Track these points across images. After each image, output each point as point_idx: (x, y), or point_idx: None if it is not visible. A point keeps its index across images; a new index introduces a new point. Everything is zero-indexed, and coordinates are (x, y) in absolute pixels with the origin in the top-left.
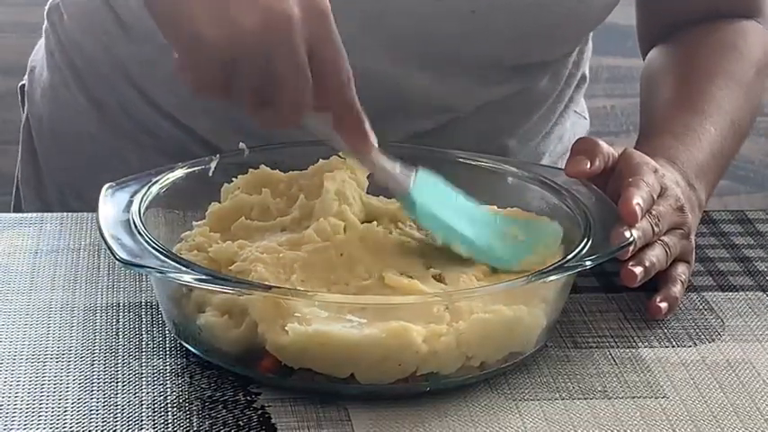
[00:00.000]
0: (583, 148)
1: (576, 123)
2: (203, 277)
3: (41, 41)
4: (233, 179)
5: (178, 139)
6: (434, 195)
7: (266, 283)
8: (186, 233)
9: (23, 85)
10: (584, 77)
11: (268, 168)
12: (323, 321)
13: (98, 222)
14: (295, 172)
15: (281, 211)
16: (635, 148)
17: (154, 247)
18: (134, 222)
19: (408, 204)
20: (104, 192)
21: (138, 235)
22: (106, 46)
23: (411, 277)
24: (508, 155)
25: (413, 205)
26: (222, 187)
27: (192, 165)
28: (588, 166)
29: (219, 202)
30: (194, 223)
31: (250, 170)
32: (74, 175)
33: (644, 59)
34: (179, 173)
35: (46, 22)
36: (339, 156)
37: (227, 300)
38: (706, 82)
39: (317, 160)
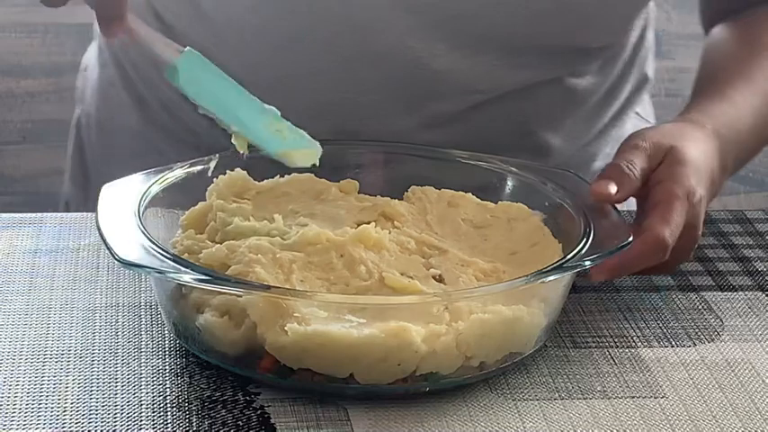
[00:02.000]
0: (612, 174)
1: (637, 127)
2: (203, 277)
3: (94, 41)
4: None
5: (216, 137)
6: (203, 71)
7: (265, 283)
8: (175, 239)
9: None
10: (646, 78)
11: (243, 173)
12: (322, 321)
13: (97, 222)
14: (270, 180)
15: (257, 216)
16: (684, 112)
17: (153, 247)
18: (134, 222)
19: (172, 71)
20: (104, 191)
21: (137, 235)
22: None
23: (411, 278)
24: (550, 153)
25: (176, 71)
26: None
27: (192, 164)
28: (614, 191)
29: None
30: (181, 221)
31: (228, 174)
32: (117, 171)
33: (706, 34)
34: (178, 172)
35: None
36: None
37: (227, 300)
38: (765, 58)
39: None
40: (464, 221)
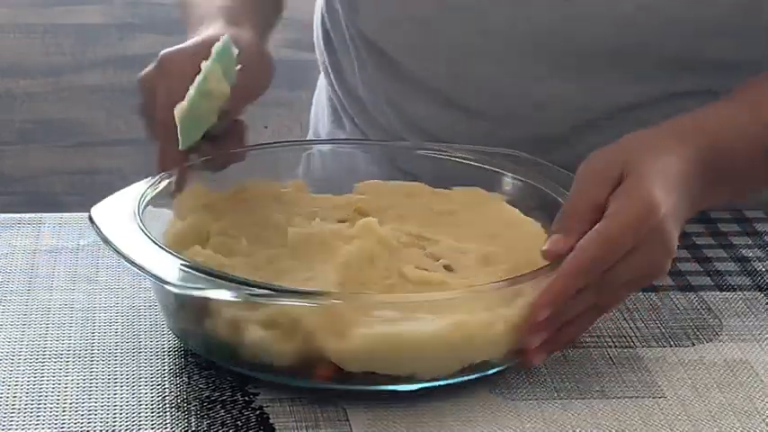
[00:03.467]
0: (561, 226)
1: None
2: (266, 292)
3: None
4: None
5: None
6: None
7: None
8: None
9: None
10: None
11: (201, 185)
12: (386, 323)
13: (126, 256)
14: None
15: (224, 230)
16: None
17: (195, 267)
18: (153, 245)
19: None
20: (97, 214)
21: (170, 256)
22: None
23: (425, 270)
24: None
25: None
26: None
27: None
28: (563, 245)
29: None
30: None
31: (188, 189)
32: None
33: None
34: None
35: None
36: None
37: (273, 312)
38: None
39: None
40: (432, 211)
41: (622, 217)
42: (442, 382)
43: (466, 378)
